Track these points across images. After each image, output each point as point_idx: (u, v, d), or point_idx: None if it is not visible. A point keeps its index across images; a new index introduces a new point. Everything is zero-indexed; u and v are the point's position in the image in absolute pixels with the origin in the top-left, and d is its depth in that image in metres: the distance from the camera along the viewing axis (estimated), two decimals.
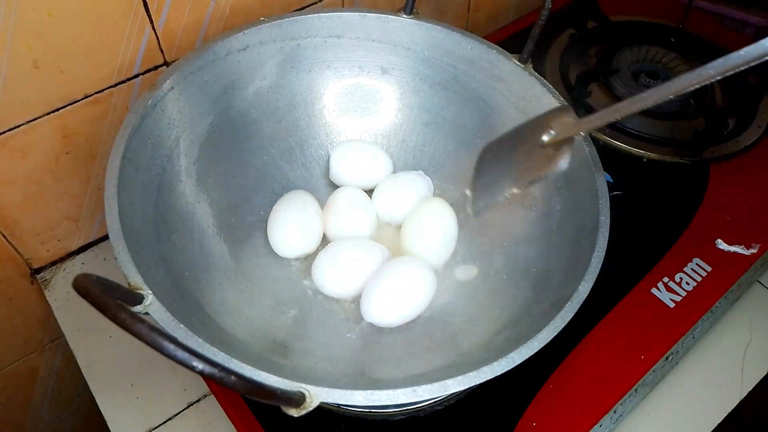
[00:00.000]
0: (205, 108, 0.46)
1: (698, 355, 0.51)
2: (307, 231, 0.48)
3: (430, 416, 0.44)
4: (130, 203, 0.37)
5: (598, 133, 0.60)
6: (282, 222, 0.47)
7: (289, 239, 0.47)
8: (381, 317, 0.43)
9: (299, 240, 0.47)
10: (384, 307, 0.43)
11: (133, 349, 0.51)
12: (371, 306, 0.43)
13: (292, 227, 0.47)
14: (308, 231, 0.48)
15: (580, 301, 0.35)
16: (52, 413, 0.71)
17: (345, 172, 0.51)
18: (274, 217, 0.48)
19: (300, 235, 0.47)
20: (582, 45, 0.70)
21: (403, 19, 0.49)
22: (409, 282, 0.44)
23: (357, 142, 0.53)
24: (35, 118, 0.46)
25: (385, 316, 0.43)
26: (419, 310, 0.44)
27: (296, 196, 0.49)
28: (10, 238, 0.51)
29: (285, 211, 0.48)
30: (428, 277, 0.45)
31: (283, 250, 0.47)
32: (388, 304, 0.43)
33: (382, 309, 0.43)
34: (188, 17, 0.49)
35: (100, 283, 0.25)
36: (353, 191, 0.50)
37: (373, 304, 0.43)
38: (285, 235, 0.47)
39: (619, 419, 0.47)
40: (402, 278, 0.44)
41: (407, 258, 0.46)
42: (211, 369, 0.23)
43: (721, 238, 0.53)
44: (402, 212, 0.49)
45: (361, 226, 0.49)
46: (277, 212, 0.48)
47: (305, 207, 0.48)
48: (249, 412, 0.44)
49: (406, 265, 0.45)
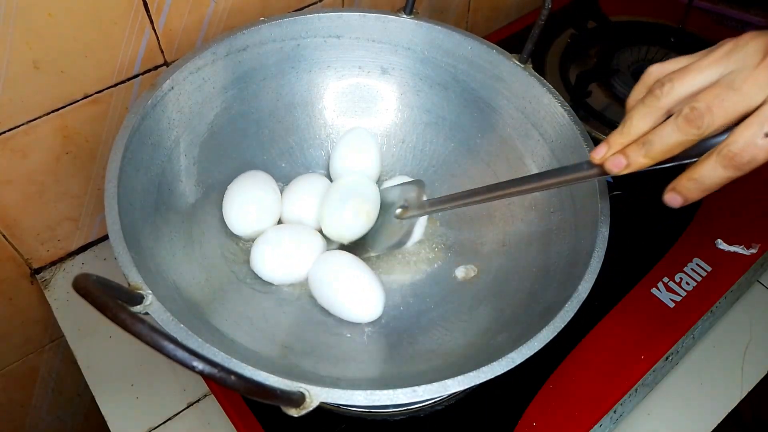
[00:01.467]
0: (205, 108, 0.46)
1: (698, 355, 0.51)
2: (263, 210, 0.47)
3: (430, 416, 0.44)
4: (130, 203, 0.37)
5: (599, 134, 0.60)
6: (238, 199, 0.47)
7: (246, 216, 0.46)
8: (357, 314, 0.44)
9: (255, 218, 0.47)
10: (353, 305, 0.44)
11: (133, 349, 0.51)
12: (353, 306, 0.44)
13: (249, 205, 0.46)
14: (265, 210, 0.47)
15: (580, 301, 0.35)
16: (52, 413, 0.71)
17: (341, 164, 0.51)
18: (230, 195, 0.47)
19: (255, 213, 0.47)
20: (582, 45, 0.70)
21: (403, 19, 0.49)
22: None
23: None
24: (35, 118, 0.46)
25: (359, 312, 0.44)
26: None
27: (255, 176, 0.49)
28: (10, 238, 0.51)
29: (242, 189, 0.47)
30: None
31: (237, 227, 0.47)
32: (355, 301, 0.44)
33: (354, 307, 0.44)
34: (188, 17, 0.49)
35: (100, 283, 0.25)
36: (316, 177, 0.51)
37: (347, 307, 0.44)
38: (241, 212, 0.46)
39: (619, 419, 0.47)
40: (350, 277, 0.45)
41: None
42: (211, 369, 0.23)
43: (721, 238, 0.53)
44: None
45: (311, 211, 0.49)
46: (234, 190, 0.47)
47: (263, 186, 0.48)
48: (249, 412, 0.44)
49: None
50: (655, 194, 0.57)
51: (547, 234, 0.44)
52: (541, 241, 0.44)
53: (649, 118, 0.31)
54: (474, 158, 0.51)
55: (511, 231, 0.47)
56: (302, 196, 0.49)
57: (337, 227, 0.47)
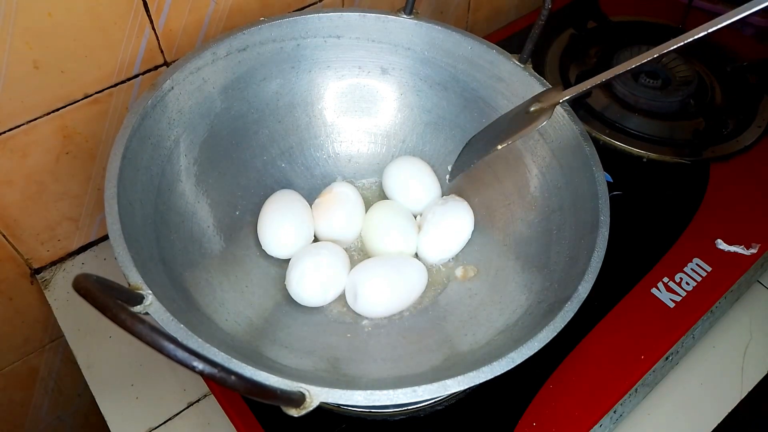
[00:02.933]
0: (205, 108, 0.46)
1: (698, 355, 0.51)
2: (298, 231, 0.47)
3: (430, 416, 0.44)
4: (130, 203, 0.37)
5: (599, 133, 0.60)
6: (273, 221, 0.47)
7: (281, 238, 0.47)
8: (369, 309, 0.44)
9: (290, 240, 0.47)
10: (373, 299, 0.44)
11: (133, 349, 0.51)
12: (359, 297, 0.44)
13: (285, 226, 0.47)
14: (299, 231, 0.47)
15: (580, 301, 0.35)
16: (52, 413, 0.71)
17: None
18: (264, 217, 0.48)
19: (292, 234, 0.47)
20: (582, 45, 0.70)
21: (403, 19, 0.49)
22: (400, 273, 0.45)
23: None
24: (35, 118, 0.46)
25: (374, 307, 0.44)
26: (408, 302, 0.45)
27: (286, 196, 0.49)
28: (10, 238, 0.51)
29: (275, 210, 0.48)
30: (420, 269, 0.46)
31: (274, 250, 0.47)
32: (378, 294, 0.44)
33: (370, 300, 0.44)
34: (188, 17, 0.49)
35: (100, 283, 0.25)
36: (344, 186, 0.50)
37: (362, 295, 0.44)
38: (276, 234, 0.47)
39: (619, 419, 0.47)
40: (392, 270, 0.45)
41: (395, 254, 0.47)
42: (211, 369, 0.23)
43: (721, 238, 0.53)
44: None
45: (350, 223, 0.49)
46: (268, 212, 0.48)
47: (294, 206, 0.48)
48: (249, 412, 0.44)
49: (396, 259, 0.46)
50: (655, 194, 0.57)
51: (547, 234, 0.44)
52: (541, 241, 0.44)
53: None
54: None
55: (511, 231, 0.47)
56: (335, 213, 0.49)
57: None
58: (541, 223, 0.45)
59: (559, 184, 0.45)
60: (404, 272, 0.45)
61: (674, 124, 0.62)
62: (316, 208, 0.49)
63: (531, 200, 0.47)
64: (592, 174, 0.41)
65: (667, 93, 0.63)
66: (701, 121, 0.63)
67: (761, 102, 0.64)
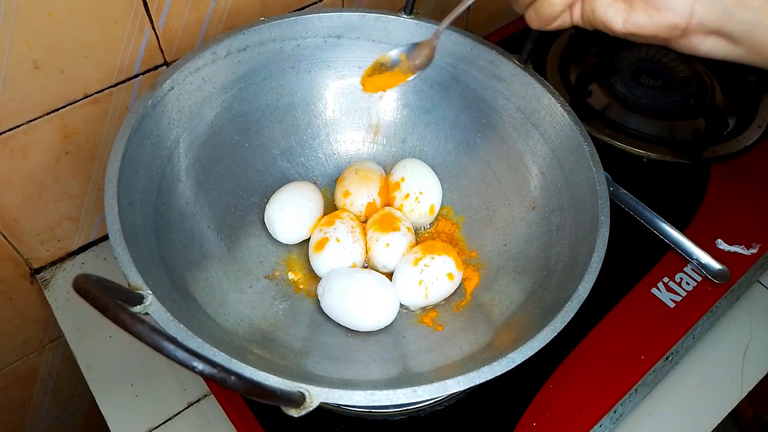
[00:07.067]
0: (205, 108, 0.46)
1: (698, 355, 0.51)
2: (304, 217, 0.48)
3: (430, 416, 0.44)
4: (130, 203, 0.37)
5: (599, 133, 0.60)
6: (281, 207, 0.48)
7: (288, 224, 0.48)
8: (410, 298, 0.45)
9: (297, 226, 0.48)
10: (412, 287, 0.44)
11: (133, 349, 0.51)
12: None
13: (291, 213, 0.48)
14: (306, 217, 0.48)
15: (580, 301, 0.35)
16: (52, 413, 0.71)
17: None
18: (273, 203, 0.49)
19: (297, 221, 0.48)
20: (582, 45, 0.70)
21: (403, 19, 0.49)
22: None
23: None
24: (35, 118, 0.46)
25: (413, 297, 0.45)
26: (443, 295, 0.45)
27: (298, 185, 0.50)
28: (10, 238, 0.51)
29: (285, 197, 0.49)
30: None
31: (282, 235, 0.48)
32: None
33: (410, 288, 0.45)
34: (188, 17, 0.49)
35: (100, 283, 0.25)
36: (363, 164, 0.52)
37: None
38: (284, 220, 0.48)
39: (619, 419, 0.47)
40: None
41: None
42: (211, 369, 0.23)
43: (721, 238, 0.53)
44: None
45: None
46: (278, 199, 0.49)
47: (304, 193, 0.49)
48: (249, 412, 0.44)
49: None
50: (655, 194, 0.57)
51: (547, 234, 0.44)
52: (541, 241, 0.44)
53: None
54: (474, 158, 0.51)
55: (512, 231, 0.47)
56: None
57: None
58: (541, 223, 0.45)
59: (559, 184, 0.45)
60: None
61: (674, 124, 0.62)
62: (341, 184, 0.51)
63: (531, 200, 0.47)
64: (592, 174, 0.41)
65: (667, 93, 0.63)
66: (701, 121, 0.63)
67: (761, 102, 0.64)
